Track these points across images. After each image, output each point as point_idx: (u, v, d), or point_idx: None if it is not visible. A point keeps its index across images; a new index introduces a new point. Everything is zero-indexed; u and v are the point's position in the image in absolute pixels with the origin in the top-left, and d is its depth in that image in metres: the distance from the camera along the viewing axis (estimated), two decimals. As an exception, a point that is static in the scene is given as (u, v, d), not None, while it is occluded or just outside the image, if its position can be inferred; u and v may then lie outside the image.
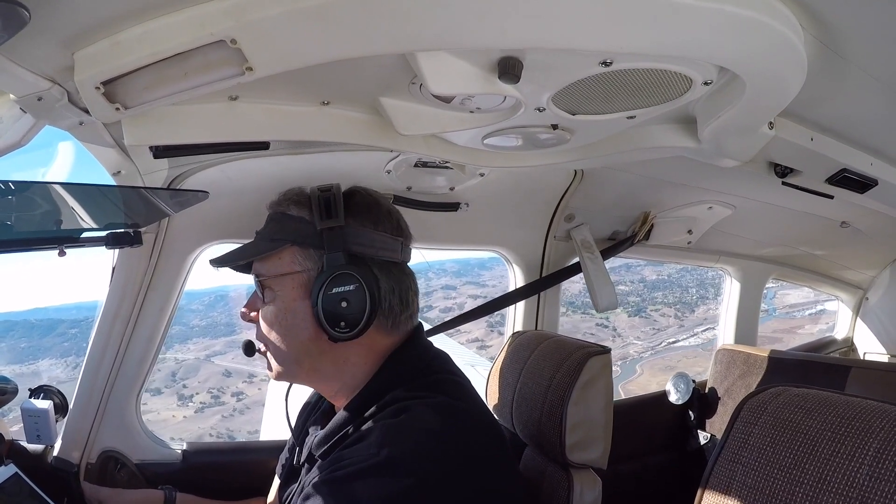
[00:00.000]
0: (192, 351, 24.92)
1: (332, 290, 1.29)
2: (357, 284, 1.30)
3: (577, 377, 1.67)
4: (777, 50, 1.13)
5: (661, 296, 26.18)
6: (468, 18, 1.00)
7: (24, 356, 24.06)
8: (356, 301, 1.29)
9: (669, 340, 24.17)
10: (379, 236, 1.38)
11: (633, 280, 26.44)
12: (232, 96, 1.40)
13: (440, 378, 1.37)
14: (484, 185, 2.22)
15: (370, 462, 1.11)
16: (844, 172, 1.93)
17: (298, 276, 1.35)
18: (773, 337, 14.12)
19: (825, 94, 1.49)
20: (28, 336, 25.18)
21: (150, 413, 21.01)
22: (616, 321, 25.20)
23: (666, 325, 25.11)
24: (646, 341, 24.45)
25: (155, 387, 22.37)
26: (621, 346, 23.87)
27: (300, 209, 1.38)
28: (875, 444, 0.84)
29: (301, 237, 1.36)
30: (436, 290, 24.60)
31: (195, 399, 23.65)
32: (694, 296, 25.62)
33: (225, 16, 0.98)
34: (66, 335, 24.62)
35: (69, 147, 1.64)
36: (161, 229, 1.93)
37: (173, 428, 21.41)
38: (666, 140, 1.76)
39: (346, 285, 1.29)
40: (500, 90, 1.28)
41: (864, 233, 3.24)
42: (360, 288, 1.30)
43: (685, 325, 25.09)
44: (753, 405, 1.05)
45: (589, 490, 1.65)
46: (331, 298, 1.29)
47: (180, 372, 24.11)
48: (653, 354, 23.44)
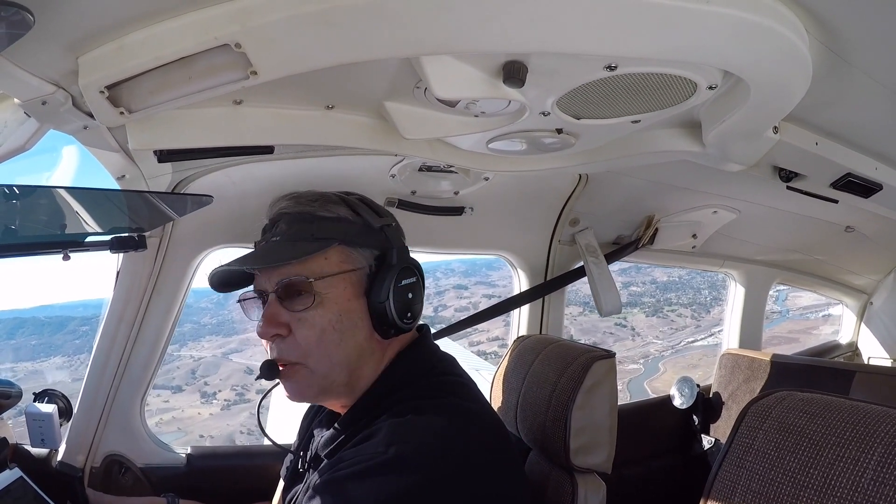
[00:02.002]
0: (207, 349, 24.82)
1: (402, 283, 1.34)
2: (417, 276, 1.38)
3: (582, 381, 1.67)
4: (782, 54, 1.13)
5: (675, 297, 26.24)
6: (473, 23, 1.00)
7: (36, 353, 24.00)
8: (417, 292, 1.38)
9: (689, 340, 24.31)
10: (402, 237, 1.46)
11: (645, 281, 26.53)
12: (236, 100, 1.41)
13: (447, 379, 1.37)
14: (488, 189, 2.21)
15: (377, 460, 1.11)
16: (849, 177, 1.92)
17: (351, 274, 1.34)
18: (790, 337, 14.16)
19: (830, 99, 1.49)
20: (38, 333, 25.12)
21: (174, 410, 20.94)
22: (634, 321, 25.32)
23: (683, 325, 25.22)
24: (665, 341, 24.61)
25: (175, 384, 22.33)
26: (642, 346, 24.12)
27: (337, 208, 1.38)
28: (880, 449, 0.84)
29: (349, 235, 1.35)
30: (447, 289, 24.66)
31: (219, 396, 23.54)
32: (707, 297, 25.69)
33: (230, 20, 0.99)
34: (77, 332, 24.50)
35: (73, 151, 1.64)
36: (165, 233, 1.93)
37: (201, 425, 21.31)
38: (670, 144, 1.75)
39: (410, 277, 1.37)
40: (505, 94, 1.28)
41: (869, 237, 3.23)
42: (419, 280, 1.39)
43: (702, 326, 25.16)
44: (758, 409, 1.05)
45: (593, 494, 1.64)
46: (400, 291, 1.33)
47: (200, 369, 24.01)
48: (674, 353, 23.57)
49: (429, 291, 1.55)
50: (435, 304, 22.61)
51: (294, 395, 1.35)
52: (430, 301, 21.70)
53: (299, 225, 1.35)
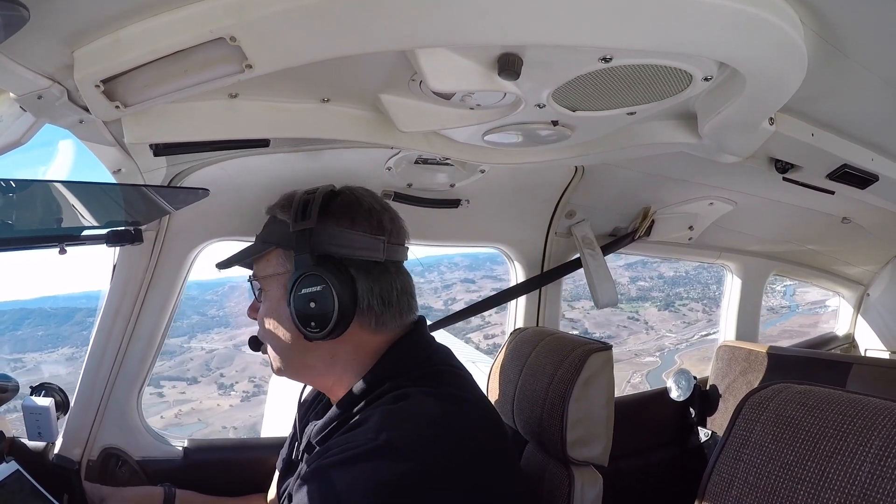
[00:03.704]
0: (217, 341, 24.69)
1: (301, 291, 1.32)
2: (324, 285, 1.30)
3: (579, 374, 1.67)
4: (777, 45, 1.12)
5: (684, 291, 26.30)
6: (468, 15, 0.99)
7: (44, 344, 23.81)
8: (324, 301, 1.30)
9: (702, 333, 24.48)
10: (357, 236, 1.37)
11: (652, 276, 26.60)
12: (232, 94, 1.40)
13: (442, 369, 1.37)
14: (484, 181, 2.21)
15: (369, 446, 1.11)
16: (845, 168, 1.92)
17: (281, 277, 1.40)
18: (801, 331, 14.22)
19: (826, 90, 1.49)
20: (45, 324, 24.89)
21: (193, 402, 20.79)
22: (646, 315, 25.41)
23: (695, 319, 25.30)
24: (678, 334, 24.72)
25: (191, 375, 22.25)
26: (656, 339, 24.22)
27: (284, 213, 1.42)
28: (877, 442, 0.84)
29: (283, 239, 1.40)
30: (455, 283, 24.60)
31: (236, 388, 23.46)
32: (716, 292, 25.89)
33: (225, 13, 0.98)
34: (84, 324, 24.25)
35: (69, 145, 1.64)
36: (162, 227, 1.93)
37: (222, 417, 21.14)
38: (666, 136, 1.75)
39: (314, 286, 1.31)
40: (500, 87, 1.28)
41: (866, 229, 3.24)
42: (327, 288, 1.30)
43: (713, 320, 25.36)
44: (755, 402, 1.05)
45: (590, 487, 1.65)
46: (300, 299, 1.32)
47: (214, 361, 23.88)
48: (688, 346, 23.70)
49: (436, 285, 1.56)
50: (444, 298, 22.54)
51: (273, 369, 1.49)
52: (439, 294, 21.67)
53: (265, 227, 1.49)
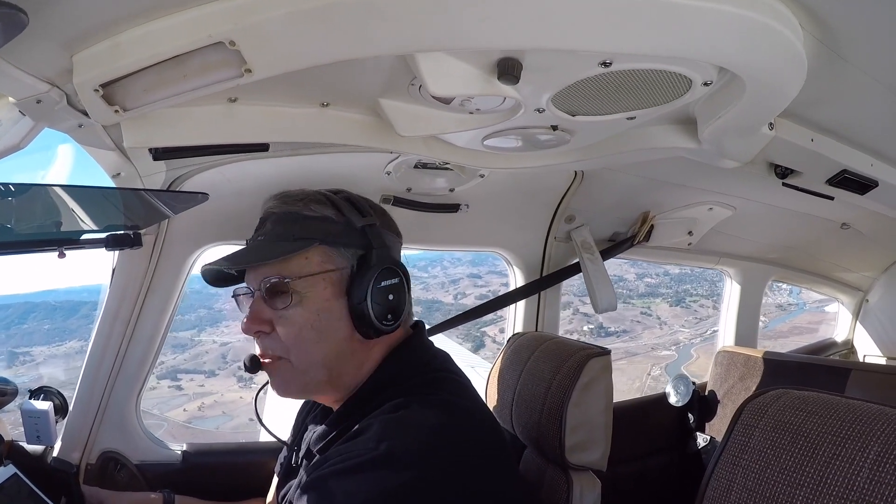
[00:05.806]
0: (227, 334, 24.58)
1: (382, 284, 1.32)
2: (400, 278, 1.35)
3: (577, 379, 1.67)
4: (777, 50, 1.13)
5: (692, 287, 26.40)
6: (467, 20, 0.99)
7: (51, 338, 23.65)
8: (399, 294, 1.35)
9: (714, 329, 24.84)
10: (392, 236, 1.43)
11: (659, 273, 26.71)
12: (231, 98, 1.40)
13: (440, 376, 1.37)
14: (484, 186, 2.21)
15: (369, 456, 1.11)
16: (845, 173, 1.92)
17: (331, 274, 1.34)
18: (810, 328, 14.28)
19: (825, 95, 1.49)
20: (51, 318, 24.72)
21: (214, 395, 20.71)
22: (658, 310, 25.50)
23: (706, 315, 25.42)
24: (691, 329, 24.87)
25: (208, 368, 22.14)
26: (670, 334, 24.37)
27: (322, 208, 1.38)
28: (876, 448, 0.84)
29: (331, 235, 1.35)
30: (462, 277, 24.56)
31: (256, 381, 23.36)
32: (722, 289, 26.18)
33: (224, 18, 0.98)
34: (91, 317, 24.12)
35: (69, 149, 1.64)
36: (161, 231, 1.93)
37: (245, 409, 20.98)
38: (666, 141, 1.75)
39: (392, 278, 1.34)
40: (500, 91, 1.28)
41: (865, 234, 3.24)
42: (402, 281, 1.36)
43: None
44: (754, 407, 1.05)
45: (588, 492, 1.65)
46: (381, 292, 1.32)
47: (230, 354, 23.76)
48: (703, 341, 23.85)
49: (443, 280, 1.57)
50: (453, 293, 22.48)
51: (278, 389, 1.39)
52: (447, 289, 21.65)
53: (283, 225, 1.37)
